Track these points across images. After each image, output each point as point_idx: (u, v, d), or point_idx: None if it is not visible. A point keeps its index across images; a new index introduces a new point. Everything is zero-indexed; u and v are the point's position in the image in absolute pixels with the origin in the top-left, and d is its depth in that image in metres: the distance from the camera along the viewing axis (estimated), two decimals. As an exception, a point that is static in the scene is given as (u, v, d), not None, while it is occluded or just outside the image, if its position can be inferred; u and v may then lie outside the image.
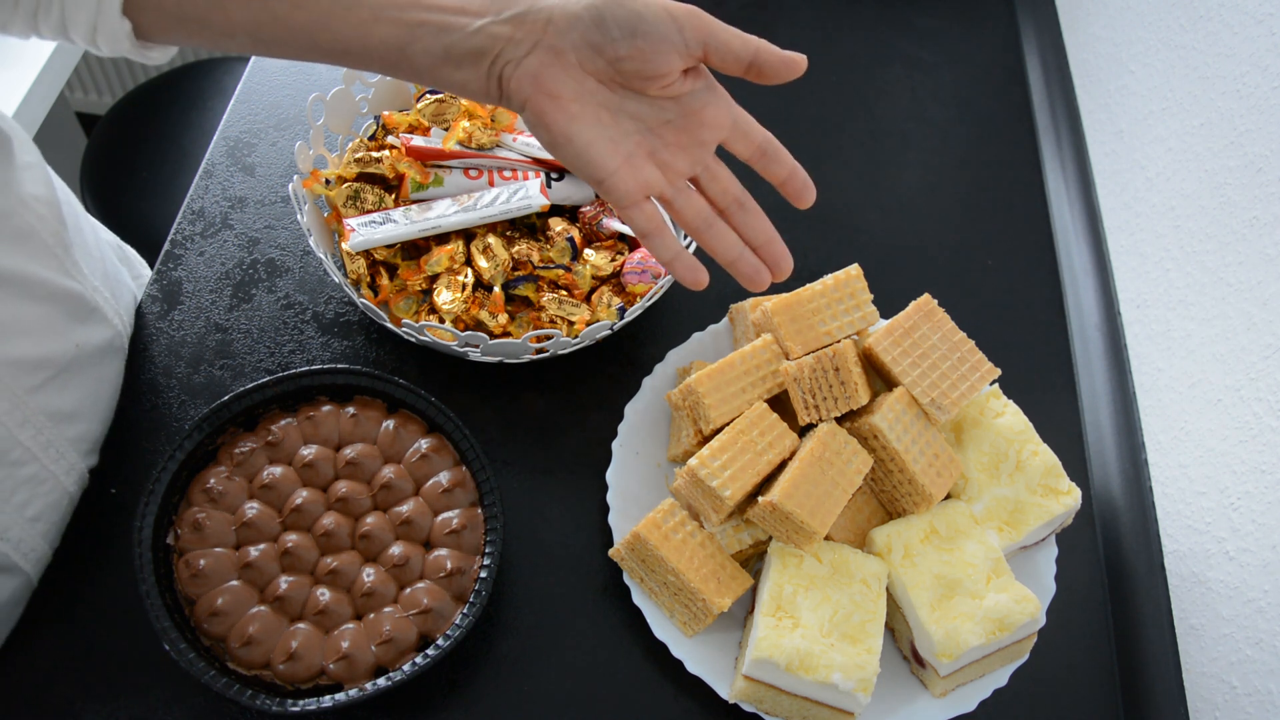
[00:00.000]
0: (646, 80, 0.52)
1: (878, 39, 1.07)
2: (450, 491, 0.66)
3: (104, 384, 0.71)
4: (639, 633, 0.67)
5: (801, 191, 0.58)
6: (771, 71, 0.54)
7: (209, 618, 0.61)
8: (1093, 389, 0.86)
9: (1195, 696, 0.70)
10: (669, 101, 0.54)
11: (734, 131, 0.56)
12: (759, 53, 0.53)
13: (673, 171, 0.55)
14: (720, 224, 0.57)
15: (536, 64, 0.51)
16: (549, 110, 0.52)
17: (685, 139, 0.55)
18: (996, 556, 0.65)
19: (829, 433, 0.65)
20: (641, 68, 0.51)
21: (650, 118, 0.54)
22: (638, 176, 0.54)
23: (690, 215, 0.56)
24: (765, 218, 0.58)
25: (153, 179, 1.34)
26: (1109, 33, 1.00)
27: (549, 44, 0.51)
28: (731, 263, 0.57)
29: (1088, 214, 0.96)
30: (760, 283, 0.58)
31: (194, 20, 0.52)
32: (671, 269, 0.56)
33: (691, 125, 0.55)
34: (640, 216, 0.55)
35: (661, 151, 0.55)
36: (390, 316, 0.76)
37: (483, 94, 0.53)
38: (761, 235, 0.58)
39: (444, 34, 0.51)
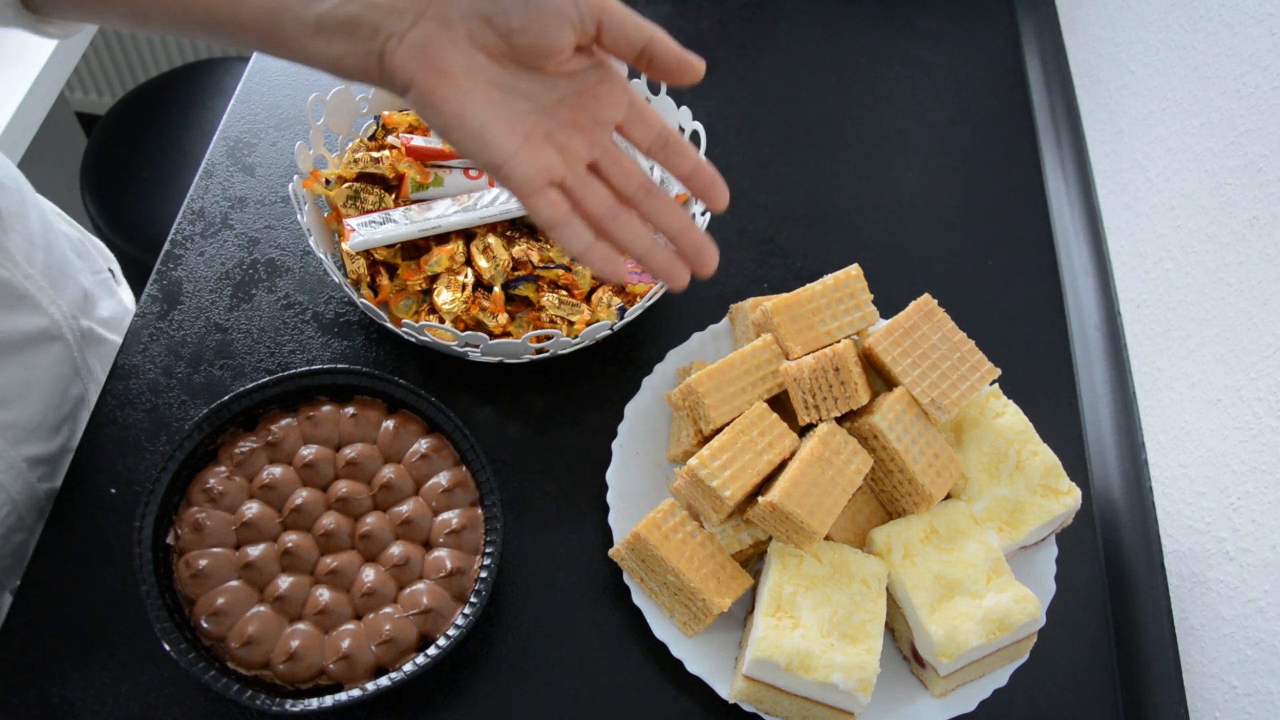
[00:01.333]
0: (540, 55, 0.48)
1: (878, 39, 1.07)
2: (450, 491, 0.66)
3: (36, 371, 0.70)
4: (639, 633, 0.67)
5: (709, 188, 0.53)
6: (663, 65, 0.50)
7: (209, 618, 0.61)
8: (1093, 389, 0.86)
9: (1195, 696, 0.70)
10: (562, 79, 0.50)
11: (631, 114, 0.52)
12: (652, 42, 0.49)
13: (571, 155, 0.51)
14: (628, 215, 0.52)
15: (423, 36, 0.46)
16: (439, 88, 0.47)
17: (581, 118, 0.51)
18: (996, 556, 0.65)
19: (829, 433, 0.65)
20: (535, 41, 0.47)
21: (543, 96, 0.50)
22: (538, 160, 0.49)
23: (593, 204, 0.51)
24: (677, 205, 0.53)
25: (153, 179, 1.34)
26: (1109, 33, 1.00)
27: (435, 14, 0.47)
28: (642, 255, 0.52)
29: (1088, 214, 0.96)
30: (678, 278, 0.52)
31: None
32: (585, 261, 0.51)
33: (587, 103, 0.51)
34: (544, 205, 0.50)
35: (557, 133, 0.50)
36: (390, 316, 0.76)
37: (360, 71, 0.48)
38: (675, 223, 0.53)
39: (315, 2, 0.47)
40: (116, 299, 0.86)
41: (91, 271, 0.82)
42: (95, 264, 0.84)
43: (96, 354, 0.78)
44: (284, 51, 0.48)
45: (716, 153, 0.93)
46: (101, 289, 0.83)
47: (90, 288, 0.80)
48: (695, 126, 0.83)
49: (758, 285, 0.86)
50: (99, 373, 0.78)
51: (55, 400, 0.73)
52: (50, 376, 0.72)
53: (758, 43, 1.05)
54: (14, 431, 0.68)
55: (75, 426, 0.75)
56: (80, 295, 0.77)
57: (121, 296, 0.87)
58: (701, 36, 1.04)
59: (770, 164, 0.95)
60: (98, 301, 0.81)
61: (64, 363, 0.74)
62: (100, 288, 0.83)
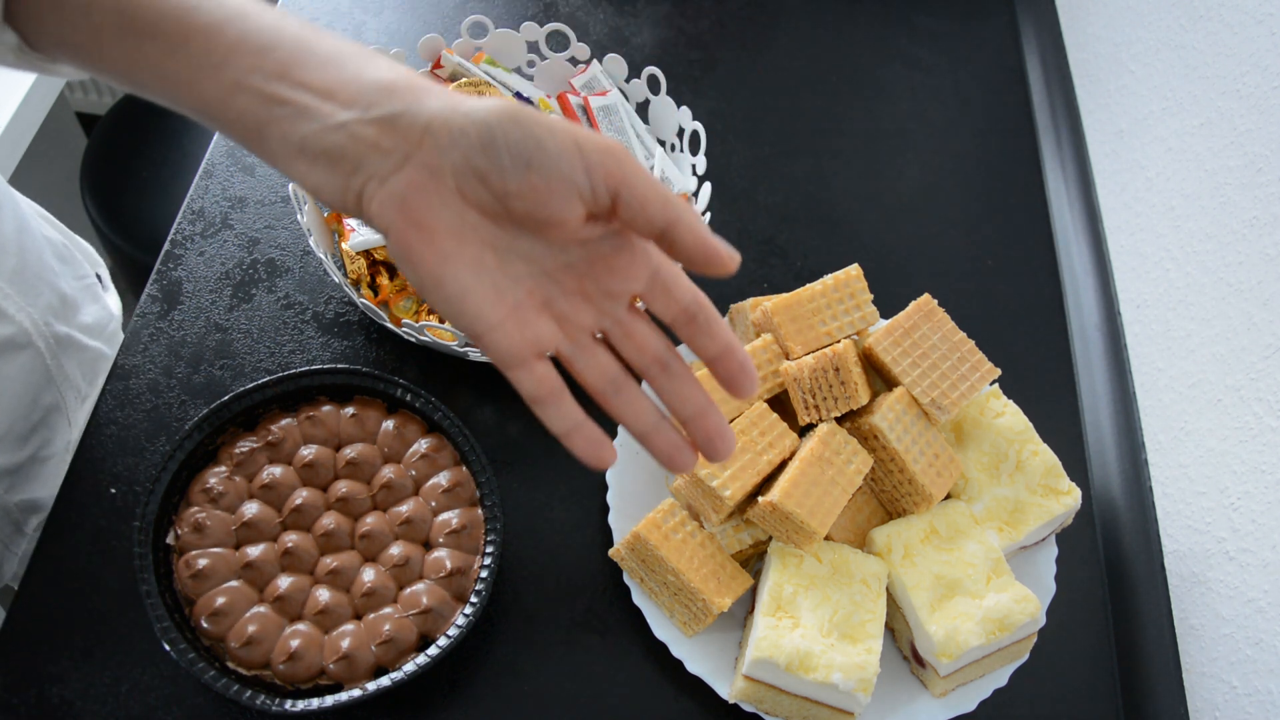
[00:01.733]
0: (541, 225, 0.42)
1: (878, 39, 1.07)
2: (450, 491, 0.66)
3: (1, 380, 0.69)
4: (639, 633, 0.67)
5: (737, 376, 0.45)
6: (685, 252, 0.42)
7: (209, 618, 0.61)
8: (1093, 389, 0.86)
9: (1195, 696, 0.70)
10: (572, 244, 0.43)
11: (653, 285, 0.44)
12: (676, 227, 0.41)
13: (573, 325, 0.44)
14: (632, 388, 0.45)
15: (405, 185, 0.40)
16: (416, 245, 0.41)
17: (590, 287, 0.44)
18: (996, 556, 0.65)
19: (829, 433, 0.65)
20: (534, 209, 0.41)
21: (546, 260, 0.43)
22: (526, 332, 0.43)
23: (593, 376, 0.45)
24: (697, 384, 0.46)
25: (153, 179, 1.34)
26: (1109, 33, 1.00)
27: (423, 161, 0.40)
28: (644, 436, 0.46)
29: (1088, 214, 0.96)
30: (681, 464, 0.45)
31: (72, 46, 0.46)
32: (569, 443, 0.45)
33: (598, 272, 0.44)
34: (528, 379, 0.44)
35: (559, 301, 0.44)
36: (390, 316, 0.76)
37: (340, 204, 0.43)
38: (690, 405, 0.45)
39: (302, 120, 0.42)
40: (101, 305, 0.83)
41: (75, 276, 0.80)
42: (80, 269, 0.82)
43: (76, 361, 0.76)
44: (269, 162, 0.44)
45: (716, 153, 0.93)
46: (85, 294, 0.81)
47: (72, 293, 0.78)
48: (695, 126, 0.83)
49: (758, 285, 0.86)
50: (78, 380, 0.76)
51: (24, 409, 0.71)
52: (17, 385, 0.70)
53: (758, 42, 1.05)
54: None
55: (49, 434, 0.74)
56: (57, 301, 0.75)
57: (107, 302, 0.85)
58: (701, 36, 1.04)
59: (770, 164, 0.95)
60: (80, 307, 0.79)
61: (34, 371, 0.72)
62: (84, 293, 0.81)
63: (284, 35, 0.43)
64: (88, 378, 0.79)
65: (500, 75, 0.86)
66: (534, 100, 0.85)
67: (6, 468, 0.70)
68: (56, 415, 0.75)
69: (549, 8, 1.04)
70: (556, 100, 0.85)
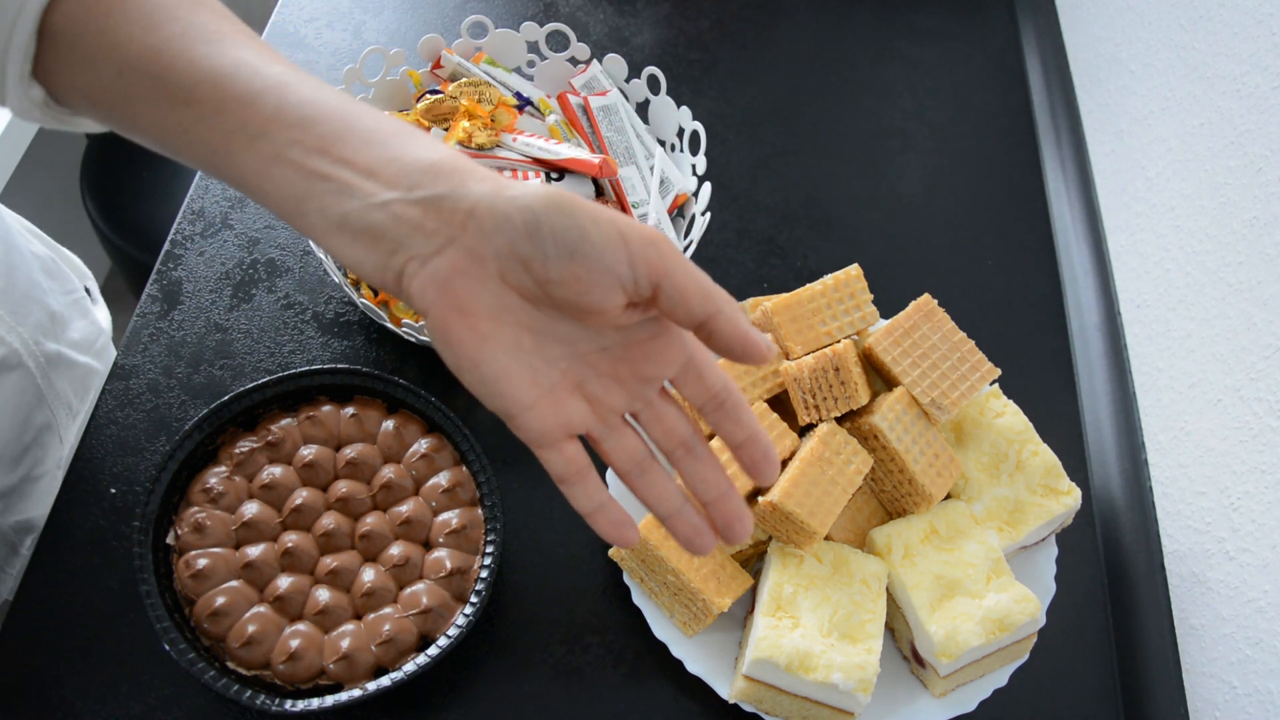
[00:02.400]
0: (582, 312, 0.42)
1: (878, 39, 1.07)
2: (450, 491, 0.66)
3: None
4: (639, 633, 0.67)
5: (760, 464, 0.45)
6: (723, 343, 0.43)
7: (209, 618, 0.61)
8: (1093, 389, 0.86)
9: (1195, 696, 0.70)
10: (609, 329, 0.44)
11: (686, 371, 0.45)
12: (716, 319, 0.42)
13: (604, 407, 0.45)
14: (657, 470, 0.46)
15: (447, 268, 0.41)
16: (455, 327, 0.41)
17: (624, 372, 0.45)
18: (996, 556, 0.65)
19: (829, 433, 0.65)
20: (576, 298, 0.41)
21: (583, 343, 0.44)
22: (559, 414, 0.44)
23: (621, 458, 0.46)
24: (720, 468, 0.47)
25: (153, 179, 1.34)
26: (1109, 33, 1.00)
27: (467, 245, 0.41)
28: (667, 518, 0.46)
29: (1088, 214, 0.96)
30: (701, 548, 0.46)
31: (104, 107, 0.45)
32: (592, 522, 0.45)
33: (634, 357, 0.45)
34: (558, 459, 0.44)
35: (592, 383, 0.45)
36: (390, 316, 0.76)
37: (379, 281, 0.43)
38: (712, 489, 0.46)
39: (343, 198, 0.41)
40: (90, 319, 0.82)
41: (64, 292, 0.79)
42: (68, 284, 0.81)
43: (67, 378, 0.75)
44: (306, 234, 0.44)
45: (716, 153, 0.93)
46: (74, 310, 0.80)
47: (60, 309, 0.77)
48: (695, 126, 0.83)
49: (758, 285, 0.86)
50: (70, 397, 0.75)
51: (16, 431, 0.70)
52: (9, 407, 0.69)
53: (758, 42, 1.05)
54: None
55: (42, 454, 0.73)
56: (47, 319, 0.74)
57: (96, 316, 0.84)
58: (701, 36, 1.04)
59: (770, 164, 0.95)
60: (69, 323, 0.78)
61: (25, 391, 0.71)
62: (72, 309, 0.80)
63: (324, 108, 0.42)
64: (79, 394, 0.78)
65: (500, 75, 0.86)
66: (534, 100, 0.85)
67: (0, 490, 0.69)
68: (48, 434, 0.74)
69: (549, 8, 1.04)
70: (556, 100, 0.85)
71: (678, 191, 0.83)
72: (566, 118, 0.84)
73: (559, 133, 0.82)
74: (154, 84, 0.43)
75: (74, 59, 0.44)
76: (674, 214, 0.84)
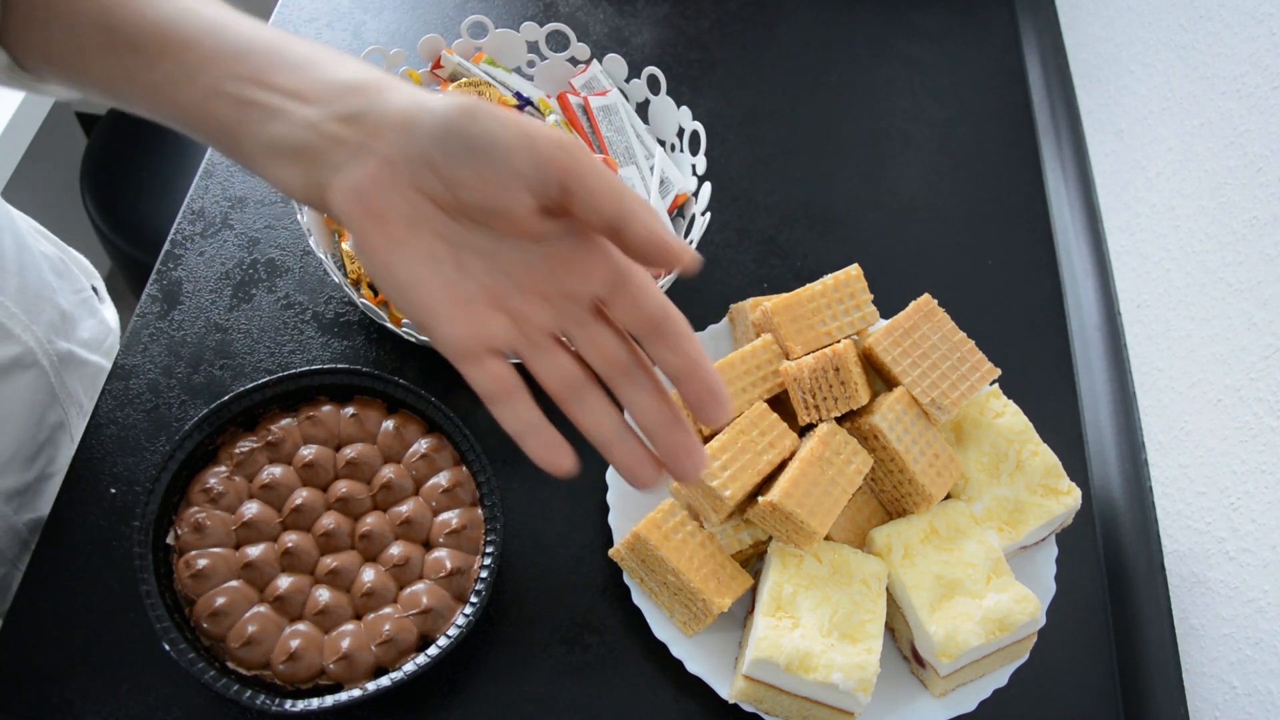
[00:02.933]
0: (490, 215, 0.42)
1: (878, 39, 1.07)
2: (450, 491, 0.66)
3: (8, 402, 0.69)
4: (639, 633, 0.67)
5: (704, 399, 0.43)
6: (636, 245, 0.41)
7: (209, 618, 0.61)
8: (1093, 389, 0.86)
9: (1195, 696, 0.70)
10: (528, 240, 0.43)
11: (616, 289, 0.43)
12: (628, 220, 0.41)
13: (529, 324, 0.44)
14: (596, 394, 0.44)
15: (363, 176, 0.41)
16: (370, 234, 0.42)
17: (548, 286, 0.44)
18: (996, 556, 0.65)
19: (829, 433, 0.65)
20: (484, 200, 0.41)
21: (503, 256, 0.43)
22: (476, 326, 0.43)
23: (552, 378, 0.44)
24: (665, 396, 0.44)
25: (153, 179, 1.34)
26: (1109, 33, 1.00)
27: (381, 153, 0.41)
28: (605, 446, 0.44)
29: (1088, 214, 0.96)
30: (642, 479, 0.44)
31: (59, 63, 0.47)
32: (523, 445, 0.43)
33: (555, 270, 0.43)
34: (481, 376, 0.43)
35: (515, 298, 0.43)
36: (390, 316, 0.76)
37: (306, 199, 0.44)
38: (654, 417, 0.43)
39: (272, 120, 0.43)
40: (99, 318, 0.83)
41: (72, 291, 0.80)
42: (77, 283, 0.82)
43: (78, 377, 0.76)
44: (242, 163, 0.45)
45: (716, 153, 0.93)
46: (82, 309, 0.81)
47: (70, 309, 0.78)
48: (695, 126, 0.83)
49: (758, 285, 0.86)
50: (81, 396, 0.76)
51: (31, 430, 0.71)
52: (25, 406, 0.70)
53: (758, 42, 1.05)
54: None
55: (55, 452, 0.73)
56: (58, 318, 0.75)
57: (104, 315, 0.85)
58: (701, 36, 1.04)
59: (770, 164, 0.95)
60: (78, 322, 0.79)
61: (40, 390, 0.72)
62: (81, 308, 0.81)
63: (258, 43, 0.44)
64: (89, 393, 0.78)
65: (500, 75, 0.86)
66: (534, 100, 0.84)
67: (16, 488, 0.69)
68: (61, 433, 0.75)
69: (549, 8, 1.04)
70: (556, 100, 0.85)
71: (678, 191, 0.83)
72: (566, 118, 0.84)
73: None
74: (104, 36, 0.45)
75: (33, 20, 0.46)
76: (674, 214, 0.84)
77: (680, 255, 0.41)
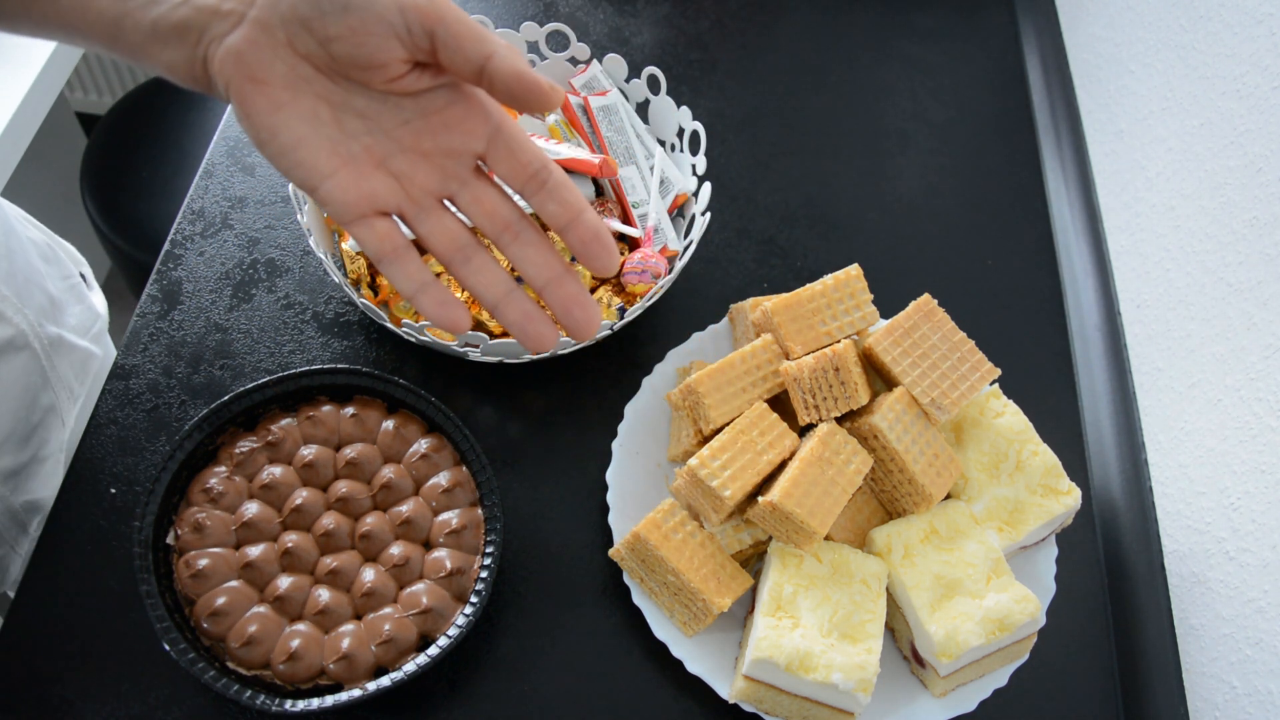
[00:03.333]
0: (364, 69, 0.43)
1: (878, 39, 1.07)
2: (450, 491, 0.66)
3: (3, 382, 0.69)
4: (639, 633, 0.67)
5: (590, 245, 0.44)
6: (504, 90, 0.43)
7: (209, 618, 0.61)
8: (1093, 389, 0.86)
9: (1195, 696, 0.70)
10: (406, 99, 0.44)
11: (495, 145, 0.44)
12: (491, 60, 0.42)
13: (413, 185, 0.45)
14: (484, 256, 0.45)
15: (240, 41, 0.42)
16: (251, 97, 0.43)
17: (428, 145, 0.45)
18: (996, 556, 0.65)
19: (829, 433, 0.65)
20: (354, 51, 0.42)
21: (383, 117, 0.44)
22: (362, 185, 0.44)
23: (439, 240, 0.45)
24: (553, 251, 0.45)
25: (153, 179, 1.34)
26: (1109, 33, 1.00)
27: (256, 17, 0.43)
28: (495, 304, 0.45)
29: (1088, 214, 0.96)
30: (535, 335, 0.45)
31: None
32: (417, 304, 0.45)
33: (434, 128, 0.44)
34: (370, 236, 0.44)
35: (396, 159, 0.45)
36: (390, 316, 0.76)
37: (191, 79, 0.44)
38: (543, 272, 0.45)
39: (152, 6, 0.44)
40: (86, 304, 0.84)
41: (61, 277, 0.80)
42: (65, 269, 0.83)
43: (68, 361, 0.77)
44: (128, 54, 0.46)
45: (716, 153, 0.93)
46: (70, 295, 0.81)
47: (58, 294, 0.78)
48: (695, 126, 0.83)
49: (758, 285, 0.86)
50: (71, 380, 0.77)
51: (24, 411, 0.71)
52: (18, 388, 0.71)
53: (758, 42, 1.05)
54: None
55: (47, 435, 0.74)
56: (47, 302, 0.75)
57: (92, 302, 0.86)
58: (701, 36, 1.04)
59: (770, 164, 0.95)
60: (66, 308, 0.79)
61: (32, 372, 0.72)
62: (69, 294, 0.81)
63: None
64: (79, 378, 0.79)
65: (500, 75, 0.86)
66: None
67: (10, 469, 0.70)
68: (52, 416, 0.75)
69: (549, 8, 1.04)
70: (556, 100, 0.85)
71: (678, 191, 0.83)
72: (566, 118, 0.84)
73: (559, 133, 0.82)
74: None
75: None
76: (674, 214, 0.84)
77: (548, 95, 0.43)
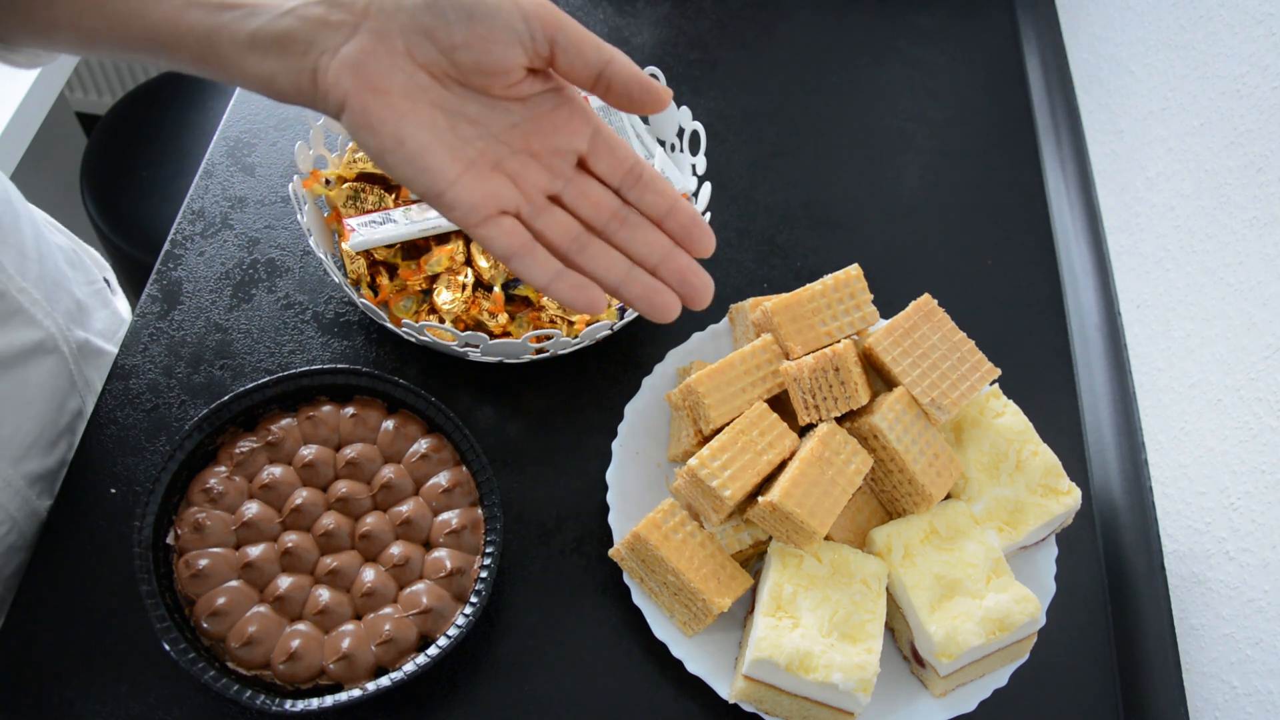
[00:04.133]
0: (486, 75, 0.44)
1: (878, 39, 1.07)
2: (450, 491, 0.66)
3: (31, 386, 0.70)
4: (639, 633, 0.67)
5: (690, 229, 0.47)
6: (623, 91, 0.45)
7: (209, 618, 0.61)
8: (1093, 389, 0.86)
9: (1195, 696, 0.70)
10: (515, 104, 0.46)
11: (596, 145, 0.47)
12: (611, 65, 0.45)
13: (526, 184, 0.47)
14: (598, 243, 0.47)
15: (358, 51, 0.43)
16: (374, 107, 0.43)
17: (537, 146, 0.47)
18: (996, 556, 0.65)
19: (829, 433, 0.65)
20: (480, 59, 0.44)
21: (493, 122, 0.46)
22: (486, 187, 0.45)
23: (556, 234, 0.47)
24: (657, 233, 0.48)
25: (153, 179, 1.34)
26: (1109, 33, 1.00)
27: (372, 28, 0.43)
28: (618, 285, 0.47)
29: (1088, 214, 0.96)
30: (661, 306, 0.47)
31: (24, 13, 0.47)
32: (553, 294, 0.46)
33: (543, 130, 0.47)
34: (498, 234, 0.45)
35: (509, 161, 0.46)
36: (390, 316, 0.76)
37: (293, 90, 0.45)
38: (656, 250, 0.47)
39: (250, 18, 0.44)
40: (111, 310, 0.84)
41: (86, 282, 0.81)
42: (90, 274, 0.83)
43: (94, 365, 0.77)
44: (220, 70, 0.46)
45: (716, 153, 0.93)
46: (96, 300, 0.82)
47: (84, 299, 0.79)
48: (695, 126, 0.83)
49: (758, 285, 0.86)
50: (97, 384, 0.77)
51: (52, 414, 0.72)
52: (46, 391, 0.71)
53: (758, 42, 1.05)
54: (11, 448, 0.67)
55: (74, 439, 0.74)
56: (74, 307, 0.76)
57: (117, 307, 0.86)
58: (701, 36, 1.04)
59: (770, 164, 0.95)
60: (92, 313, 0.80)
61: (60, 376, 0.73)
62: (95, 298, 0.82)
63: None
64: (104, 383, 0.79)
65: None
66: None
67: (38, 473, 0.70)
68: (79, 421, 0.75)
69: (549, 8, 1.04)
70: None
71: (678, 191, 0.83)
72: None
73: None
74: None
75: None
76: (674, 214, 0.83)
77: (663, 96, 0.46)
